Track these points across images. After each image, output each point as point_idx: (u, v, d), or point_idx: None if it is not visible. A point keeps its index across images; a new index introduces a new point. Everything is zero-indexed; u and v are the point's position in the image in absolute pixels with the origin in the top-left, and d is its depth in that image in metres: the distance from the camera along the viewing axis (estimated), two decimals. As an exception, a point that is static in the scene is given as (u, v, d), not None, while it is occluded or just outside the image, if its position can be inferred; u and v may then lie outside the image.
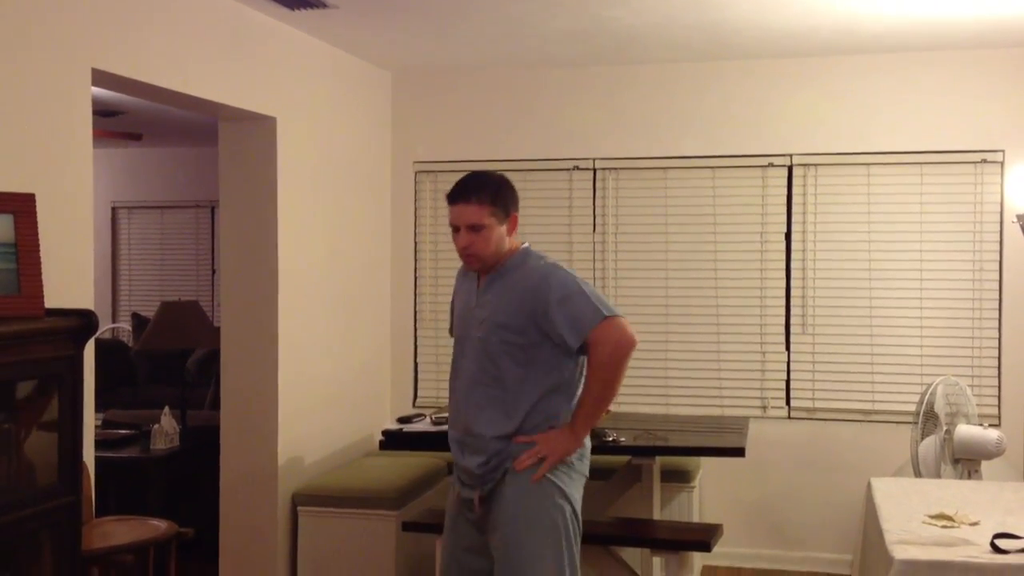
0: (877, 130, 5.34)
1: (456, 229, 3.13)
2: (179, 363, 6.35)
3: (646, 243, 5.63)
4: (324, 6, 4.38)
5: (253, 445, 4.71)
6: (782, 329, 5.46)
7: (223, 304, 4.83)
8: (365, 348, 5.63)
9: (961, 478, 4.55)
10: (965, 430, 4.56)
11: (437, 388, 5.83)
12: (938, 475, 4.59)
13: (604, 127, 5.63)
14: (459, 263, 3.30)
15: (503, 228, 3.12)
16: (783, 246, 5.47)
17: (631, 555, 4.52)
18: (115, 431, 5.58)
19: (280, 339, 4.70)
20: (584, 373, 3.15)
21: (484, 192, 3.09)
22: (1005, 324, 5.22)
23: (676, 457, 4.86)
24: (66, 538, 2.78)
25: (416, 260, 5.92)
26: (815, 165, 5.42)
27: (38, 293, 2.72)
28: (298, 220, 4.85)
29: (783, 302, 5.47)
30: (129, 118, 7.11)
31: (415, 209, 5.92)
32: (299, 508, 4.81)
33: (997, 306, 5.23)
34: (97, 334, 3.08)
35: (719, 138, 5.51)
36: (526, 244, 3.21)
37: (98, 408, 4.12)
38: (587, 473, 3.20)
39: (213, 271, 8.94)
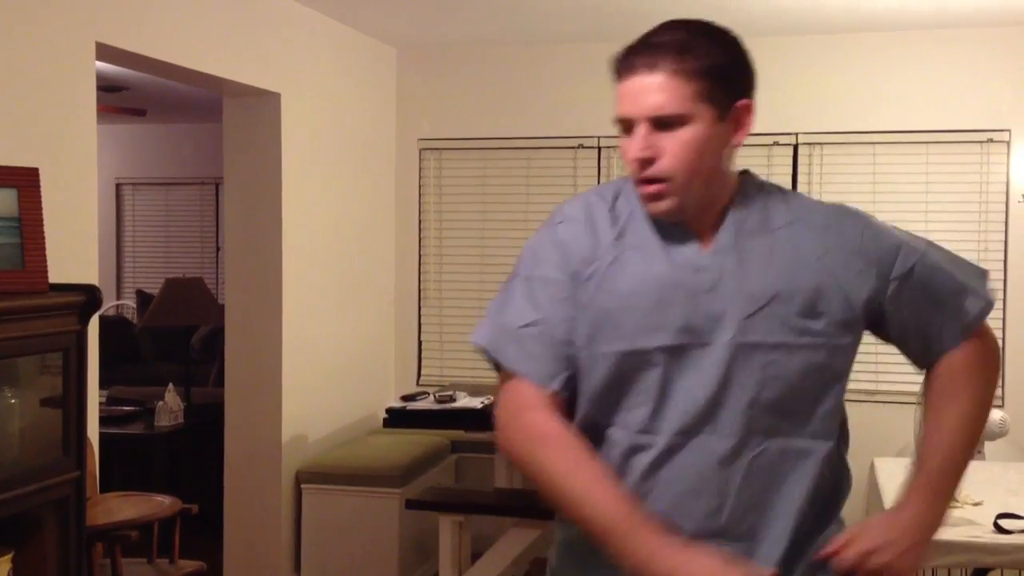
0: (883, 109, 5.31)
1: (628, 128, 1.64)
2: (183, 340, 6.35)
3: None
4: (329, -18, 4.36)
5: (257, 422, 4.72)
6: (786, 308, 5.45)
7: (227, 281, 4.83)
8: (369, 326, 5.63)
9: (964, 458, 4.55)
10: (969, 410, 4.55)
11: (440, 366, 5.83)
12: (941, 455, 4.59)
13: (609, 105, 5.57)
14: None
15: (722, 129, 1.68)
16: (788, 225, 5.45)
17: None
18: (119, 407, 5.60)
19: (284, 316, 4.70)
20: None
21: (690, 52, 1.63)
22: (1009, 304, 5.21)
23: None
24: (70, 514, 2.79)
25: (420, 237, 5.91)
26: (821, 144, 5.40)
27: (42, 268, 2.72)
28: (302, 197, 4.84)
29: (788, 281, 5.45)
30: (133, 94, 7.09)
31: (419, 186, 5.90)
32: (302, 485, 4.82)
33: (1002, 286, 5.22)
34: (101, 311, 3.08)
35: (725, 117, 5.48)
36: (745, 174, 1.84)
37: (102, 385, 4.12)
38: None
39: (217, 248, 8.94)
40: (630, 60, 1.61)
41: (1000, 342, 5.40)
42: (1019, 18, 4.96)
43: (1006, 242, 5.20)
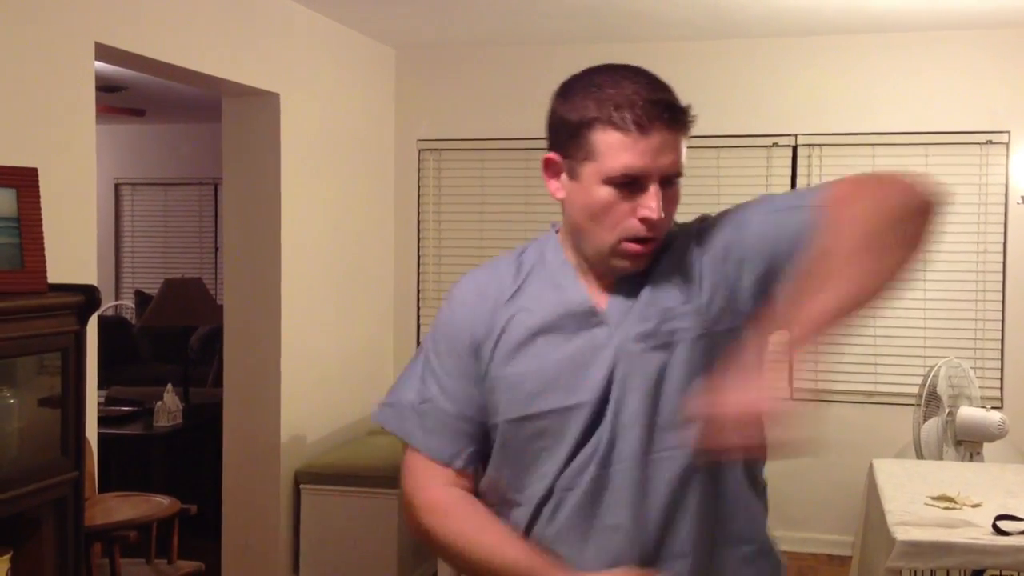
0: (882, 110, 5.32)
1: (628, 184, 1.55)
2: (182, 340, 6.35)
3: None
4: (328, -18, 4.36)
5: (256, 423, 4.72)
6: (785, 310, 5.45)
7: (226, 281, 4.83)
8: (368, 326, 5.63)
9: (963, 460, 4.55)
10: (967, 412, 4.55)
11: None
12: (940, 457, 4.59)
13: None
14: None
15: None
16: (787, 227, 5.45)
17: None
18: (118, 408, 5.59)
19: (283, 317, 4.70)
20: None
21: (686, 112, 1.61)
22: (1008, 306, 5.21)
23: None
24: (69, 514, 2.79)
25: (419, 237, 5.91)
26: (820, 145, 5.41)
27: (41, 268, 2.72)
28: (301, 197, 4.83)
29: (787, 283, 5.45)
30: (132, 94, 7.09)
31: (418, 186, 5.90)
32: (301, 486, 4.82)
33: (1001, 288, 5.23)
34: (100, 311, 3.08)
35: (724, 118, 5.49)
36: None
37: (101, 385, 4.12)
38: None
39: (216, 248, 8.94)
40: (648, 114, 1.53)
41: (999, 343, 5.43)
42: (1018, 20, 4.97)
43: (1005, 243, 5.21)
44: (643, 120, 1.52)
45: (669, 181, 1.56)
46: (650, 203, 1.53)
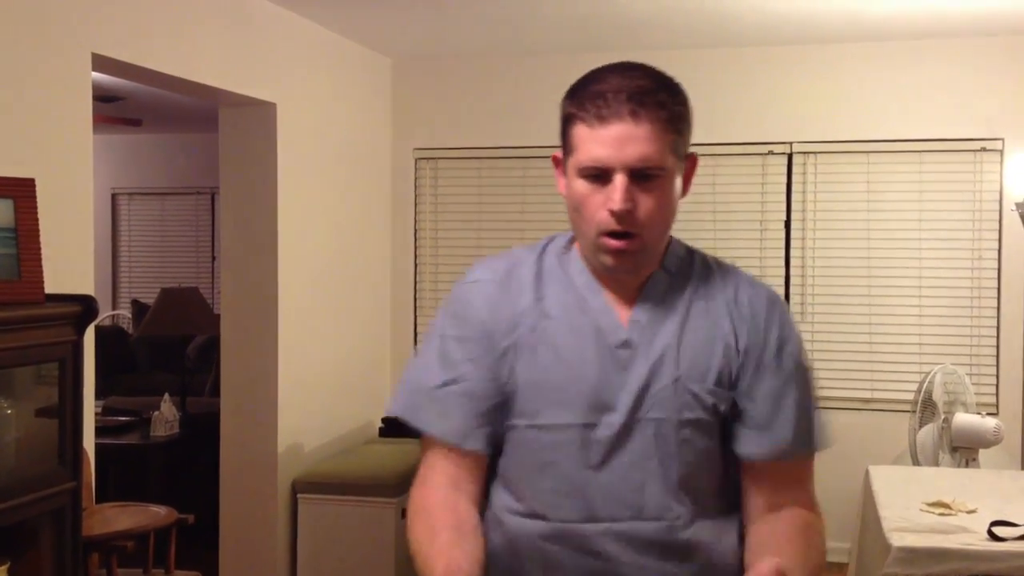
0: (877, 118, 5.34)
1: (598, 176, 1.55)
2: (179, 350, 6.35)
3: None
4: (324, -8, 4.37)
5: (253, 432, 4.72)
6: (781, 317, 5.46)
7: (223, 291, 4.83)
8: (365, 335, 5.63)
9: (959, 466, 4.56)
10: (963, 418, 4.57)
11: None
12: (936, 463, 4.60)
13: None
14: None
15: (679, 182, 1.60)
16: (783, 234, 5.47)
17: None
18: (115, 418, 5.59)
19: (280, 326, 4.70)
20: None
21: (669, 102, 1.55)
22: (1004, 313, 5.23)
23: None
24: (67, 524, 2.79)
25: (416, 246, 5.92)
26: (815, 153, 5.42)
27: (38, 278, 2.72)
28: (298, 207, 4.84)
29: (782, 290, 5.46)
30: (129, 104, 7.10)
31: (415, 195, 5.92)
32: (299, 495, 4.82)
33: (996, 295, 5.24)
34: (97, 321, 3.08)
35: (719, 126, 5.50)
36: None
37: (98, 395, 4.13)
38: None
39: (213, 258, 8.94)
40: (610, 105, 1.51)
41: (994, 349, 5.44)
42: (1012, 28, 4.99)
43: (1000, 251, 5.22)
44: (603, 111, 1.51)
45: (644, 175, 1.52)
46: (612, 195, 1.51)
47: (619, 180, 1.51)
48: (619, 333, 1.59)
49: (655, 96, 1.52)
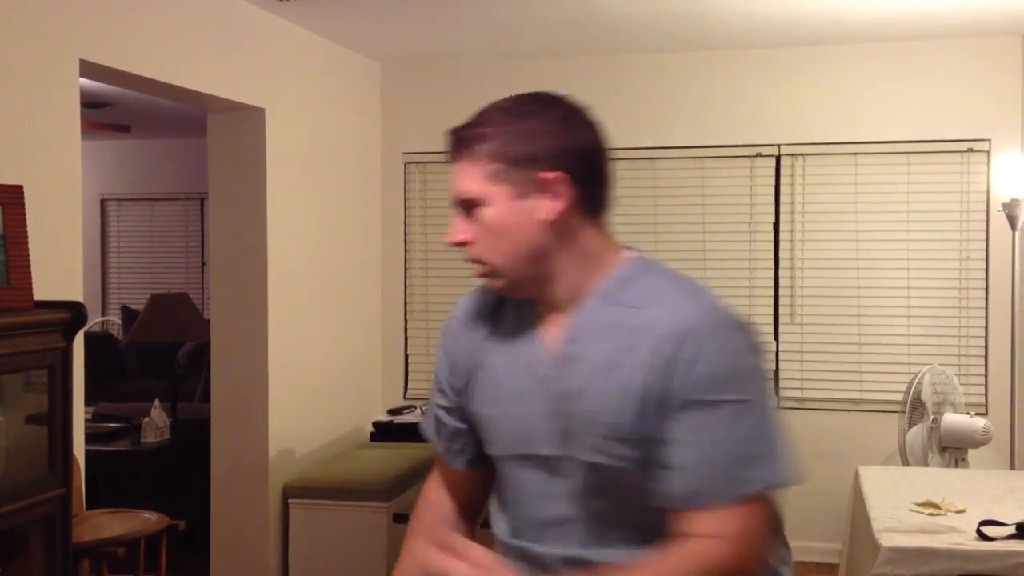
0: (864, 119, 5.36)
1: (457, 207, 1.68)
2: (169, 356, 6.34)
3: (636, 233, 5.63)
4: (312, -3, 4.37)
5: (244, 437, 4.71)
6: (770, 319, 5.48)
7: (213, 296, 4.83)
8: (355, 340, 5.63)
9: (948, 466, 4.58)
10: (952, 419, 4.58)
11: (427, 380, 5.83)
12: (925, 463, 4.62)
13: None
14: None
15: (530, 205, 1.57)
16: (771, 236, 5.48)
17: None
18: (105, 424, 5.57)
19: (270, 331, 4.70)
20: None
21: (482, 137, 1.64)
22: (991, 313, 5.25)
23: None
24: (57, 531, 2.79)
25: (406, 251, 5.92)
26: (803, 155, 5.44)
27: (27, 285, 2.72)
28: (288, 211, 4.84)
29: (771, 292, 5.48)
30: (117, 110, 7.09)
31: (405, 200, 5.92)
32: (290, 500, 4.82)
33: (984, 295, 5.26)
34: (87, 327, 3.08)
35: (707, 128, 5.52)
36: (635, 254, 1.64)
37: (88, 401, 4.12)
38: None
39: (203, 263, 8.93)
40: (448, 145, 1.68)
41: (982, 349, 5.46)
42: (999, 29, 5.01)
43: (987, 251, 5.24)
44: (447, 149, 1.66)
45: (472, 206, 1.61)
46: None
47: (452, 214, 1.64)
48: (543, 368, 1.59)
49: (476, 130, 1.63)
